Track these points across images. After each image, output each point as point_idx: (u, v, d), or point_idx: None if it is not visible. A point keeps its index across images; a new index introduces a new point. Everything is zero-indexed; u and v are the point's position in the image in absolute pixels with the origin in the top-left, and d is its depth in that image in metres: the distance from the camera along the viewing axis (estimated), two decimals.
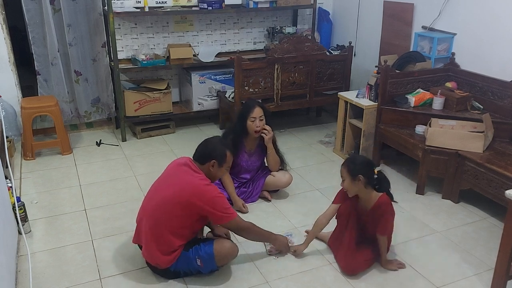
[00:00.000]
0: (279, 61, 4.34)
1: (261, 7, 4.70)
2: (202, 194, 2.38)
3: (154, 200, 2.48)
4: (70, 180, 3.69)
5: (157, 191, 2.52)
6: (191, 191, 2.38)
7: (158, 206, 2.43)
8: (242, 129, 3.24)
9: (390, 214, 2.56)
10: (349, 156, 3.36)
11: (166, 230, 2.40)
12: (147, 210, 2.49)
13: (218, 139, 2.67)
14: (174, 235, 2.42)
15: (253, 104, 3.24)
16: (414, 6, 4.18)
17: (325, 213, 2.71)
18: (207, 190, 2.41)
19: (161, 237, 2.42)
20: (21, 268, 2.63)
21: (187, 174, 2.46)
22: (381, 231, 2.56)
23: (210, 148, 2.55)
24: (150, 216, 2.45)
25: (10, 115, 4.13)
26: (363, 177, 2.49)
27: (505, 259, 2.32)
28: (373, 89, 3.85)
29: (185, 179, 2.43)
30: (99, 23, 4.39)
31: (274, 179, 3.38)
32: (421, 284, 2.55)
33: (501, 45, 3.49)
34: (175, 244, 2.43)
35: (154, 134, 4.63)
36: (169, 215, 2.40)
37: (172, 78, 5.01)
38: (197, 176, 2.45)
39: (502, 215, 2.77)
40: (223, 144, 2.62)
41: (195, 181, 2.42)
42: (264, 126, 3.23)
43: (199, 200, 2.37)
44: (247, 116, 3.19)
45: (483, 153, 3.18)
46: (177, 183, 2.44)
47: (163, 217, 2.41)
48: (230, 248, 2.52)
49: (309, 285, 2.53)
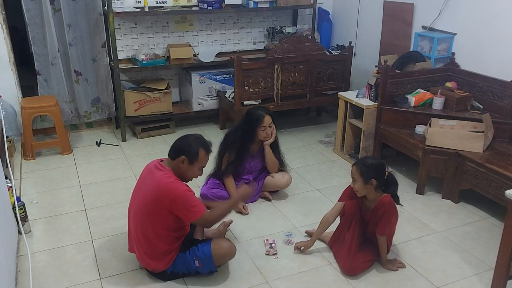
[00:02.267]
0: (279, 61, 4.34)
1: (261, 7, 4.69)
2: (168, 191, 2.30)
3: (132, 207, 2.48)
4: (70, 180, 3.69)
5: (135, 198, 2.50)
6: (157, 190, 2.32)
7: (136, 213, 2.42)
8: (250, 138, 3.25)
9: (393, 214, 2.55)
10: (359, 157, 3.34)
11: (150, 233, 2.38)
12: (130, 218, 2.50)
13: (195, 136, 2.50)
14: (158, 238, 2.39)
15: (261, 114, 3.22)
16: (414, 6, 4.18)
17: (331, 211, 2.72)
18: (172, 187, 2.31)
19: (147, 242, 2.41)
20: (21, 268, 2.63)
21: (154, 174, 2.40)
22: (381, 231, 2.55)
23: (184, 143, 2.43)
24: (133, 224, 2.45)
25: (10, 115, 4.13)
26: (376, 181, 2.51)
27: (505, 259, 2.32)
28: (373, 89, 3.85)
29: (152, 179, 2.38)
30: (99, 23, 4.39)
31: (273, 180, 3.38)
32: (421, 284, 2.55)
33: (501, 45, 3.49)
34: (162, 248, 2.41)
35: (154, 134, 4.63)
36: (147, 218, 2.37)
37: (172, 78, 5.01)
38: (162, 173, 2.36)
39: (502, 215, 2.77)
40: (199, 141, 2.46)
41: (160, 179, 2.33)
42: (274, 131, 3.28)
43: (165, 198, 2.29)
44: (258, 126, 3.20)
45: (483, 153, 3.18)
46: (146, 186, 2.41)
47: (143, 221, 2.39)
48: (228, 248, 2.50)
49: (309, 285, 2.53)
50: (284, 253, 2.79)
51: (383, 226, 2.54)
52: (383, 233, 2.56)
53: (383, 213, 2.52)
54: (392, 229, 2.64)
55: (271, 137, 3.28)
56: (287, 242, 2.89)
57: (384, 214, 2.52)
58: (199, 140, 2.48)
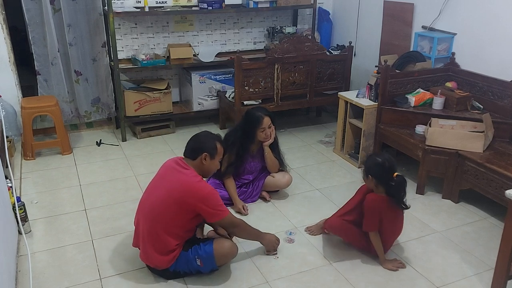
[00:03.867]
0: (279, 61, 4.34)
1: (261, 7, 4.69)
2: (195, 191, 2.37)
3: (148, 201, 2.48)
4: (70, 180, 3.69)
5: (151, 193, 2.51)
6: (183, 189, 2.38)
7: (153, 207, 2.43)
8: (250, 139, 3.26)
9: (370, 211, 2.59)
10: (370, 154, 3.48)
11: (162, 230, 2.40)
12: (143, 212, 2.50)
13: (206, 133, 2.63)
14: (170, 235, 2.42)
15: (261, 115, 3.22)
16: (414, 6, 4.18)
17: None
18: (199, 187, 2.39)
19: (158, 237, 2.42)
20: (21, 268, 2.63)
21: (178, 172, 2.44)
22: (364, 225, 2.64)
23: (200, 141, 2.54)
24: (146, 218, 2.46)
25: (10, 115, 4.13)
26: (373, 178, 2.58)
27: (505, 259, 2.32)
28: (373, 89, 3.85)
29: (177, 178, 2.42)
30: (99, 23, 4.39)
31: (273, 180, 3.38)
32: (421, 284, 2.55)
33: (501, 45, 3.49)
34: (172, 244, 2.43)
35: (154, 134, 4.63)
36: (164, 215, 2.39)
37: (172, 78, 5.01)
38: (187, 173, 2.43)
39: (502, 215, 2.77)
40: (212, 136, 2.59)
41: (186, 179, 2.40)
42: (273, 132, 3.28)
43: (192, 198, 2.36)
44: (257, 128, 3.21)
45: (483, 153, 3.18)
46: (169, 183, 2.44)
47: (158, 218, 2.40)
48: (229, 247, 2.52)
49: (309, 285, 2.53)
50: (284, 253, 2.79)
51: (364, 221, 2.62)
52: (365, 228, 2.63)
53: (364, 208, 2.61)
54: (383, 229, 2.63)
55: (270, 138, 3.28)
56: (288, 241, 2.89)
57: (365, 210, 2.60)
58: (210, 135, 2.61)
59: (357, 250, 2.79)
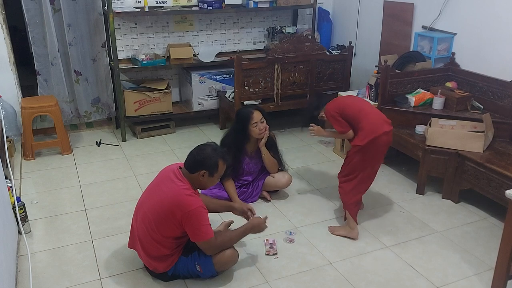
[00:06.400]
0: (279, 61, 4.34)
1: (261, 7, 4.69)
2: (182, 205, 2.29)
3: (144, 207, 2.46)
4: (70, 180, 3.69)
5: (146, 198, 2.49)
6: (172, 201, 2.31)
7: (146, 214, 2.41)
8: (244, 137, 3.25)
9: (331, 117, 2.98)
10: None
11: (154, 238, 2.38)
12: (138, 216, 2.48)
13: (212, 147, 2.47)
14: (161, 244, 2.39)
15: (250, 110, 3.23)
16: (414, 6, 4.18)
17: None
18: (188, 201, 2.30)
19: (151, 244, 2.40)
20: (21, 268, 2.63)
21: (171, 183, 2.37)
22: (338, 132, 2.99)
23: (202, 157, 2.40)
24: (141, 223, 2.44)
25: (10, 115, 4.13)
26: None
27: (505, 259, 2.32)
28: (373, 89, 3.85)
29: (169, 188, 2.36)
30: (99, 23, 4.39)
31: (273, 180, 3.38)
32: (421, 284, 2.55)
33: (501, 45, 3.49)
34: (164, 252, 2.41)
35: (154, 134, 4.63)
36: (154, 223, 2.36)
37: (172, 78, 5.00)
38: (180, 185, 2.34)
39: (502, 215, 2.76)
40: (217, 152, 2.44)
41: (178, 191, 2.32)
42: (267, 126, 3.26)
43: (179, 211, 2.28)
44: (248, 123, 3.19)
45: (483, 153, 3.18)
46: (162, 193, 2.38)
47: (150, 226, 2.38)
48: (230, 255, 2.48)
49: (309, 285, 2.53)
50: (284, 253, 2.79)
51: (335, 127, 3.00)
52: (338, 130, 2.97)
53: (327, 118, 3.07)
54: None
55: (265, 132, 3.25)
56: (288, 241, 2.90)
57: (328, 118, 3.06)
58: (217, 151, 2.46)
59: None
